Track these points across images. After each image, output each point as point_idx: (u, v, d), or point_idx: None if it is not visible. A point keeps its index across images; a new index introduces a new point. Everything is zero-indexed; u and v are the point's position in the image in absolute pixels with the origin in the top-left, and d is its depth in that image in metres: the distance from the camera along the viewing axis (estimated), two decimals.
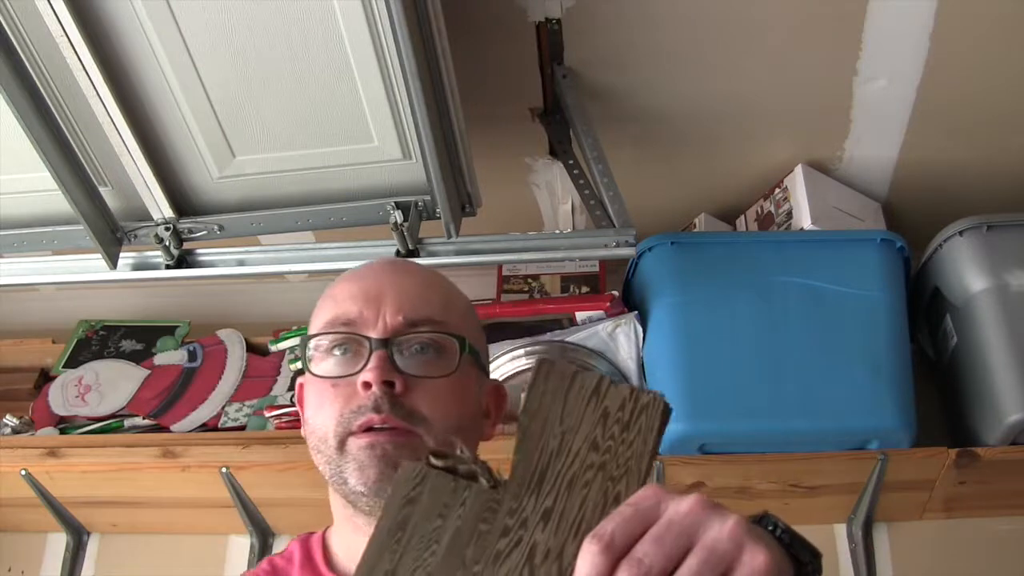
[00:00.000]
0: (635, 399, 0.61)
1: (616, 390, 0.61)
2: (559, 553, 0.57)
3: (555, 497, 0.59)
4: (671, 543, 0.53)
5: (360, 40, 1.38)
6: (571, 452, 0.60)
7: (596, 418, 0.61)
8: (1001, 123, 1.80)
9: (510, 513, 0.59)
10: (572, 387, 0.62)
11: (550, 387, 0.62)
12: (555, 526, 0.58)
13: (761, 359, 1.66)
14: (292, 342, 1.93)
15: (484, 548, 0.58)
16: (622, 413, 0.61)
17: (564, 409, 0.61)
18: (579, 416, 0.61)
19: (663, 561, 0.53)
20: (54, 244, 1.65)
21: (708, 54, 1.69)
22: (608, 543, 0.53)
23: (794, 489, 1.71)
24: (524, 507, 0.59)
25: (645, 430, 0.60)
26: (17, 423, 1.87)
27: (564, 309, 1.77)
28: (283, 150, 1.54)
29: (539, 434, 0.61)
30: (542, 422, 0.61)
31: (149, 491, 1.81)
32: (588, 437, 0.60)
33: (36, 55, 1.42)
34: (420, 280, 0.95)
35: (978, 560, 1.78)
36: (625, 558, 0.53)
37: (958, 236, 1.76)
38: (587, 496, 0.58)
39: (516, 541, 0.58)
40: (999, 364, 1.67)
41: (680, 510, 0.55)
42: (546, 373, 0.62)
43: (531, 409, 0.61)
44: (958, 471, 1.67)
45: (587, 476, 0.59)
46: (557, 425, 0.61)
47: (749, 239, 1.88)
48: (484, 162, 1.60)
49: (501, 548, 0.58)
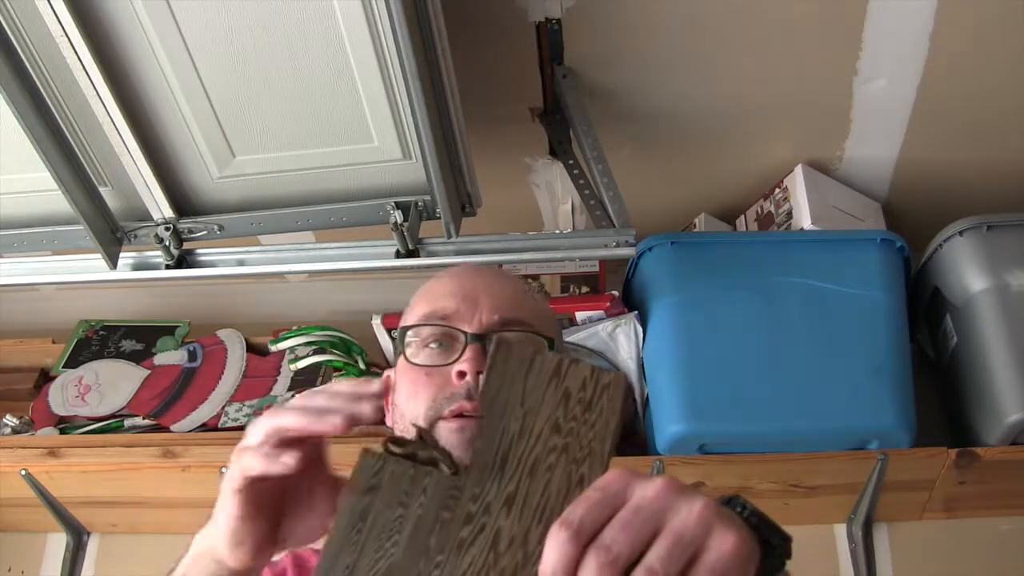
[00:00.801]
0: (596, 379, 0.59)
1: (576, 370, 0.60)
2: (524, 539, 0.56)
3: (518, 481, 0.57)
4: (639, 528, 0.53)
5: (360, 40, 1.39)
6: (533, 435, 0.58)
7: (557, 399, 0.59)
8: (1001, 123, 1.80)
9: (473, 499, 0.57)
10: (532, 368, 0.60)
11: (509, 368, 0.60)
12: (519, 511, 0.57)
13: (761, 359, 1.66)
14: (292, 342, 1.93)
15: (447, 536, 0.57)
16: (583, 393, 0.59)
17: (524, 390, 0.59)
18: (540, 397, 0.59)
19: (631, 547, 0.52)
20: (54, 244, 1.65)
21: (708, 54, 1.69)
22: (577, 529, 0.53)
23: (794, 489, 1.71)
24: (487, 493, 0.57)
25: (607, 410, 0.59)
26: (17, 423, 1.87)
27: (564, 309, 1.77)
28: (283, 150, 1.54)
29: (500, 417, 0.59)
30: (502, 405, 0.59)
31: (149, 491, 1.81)
32: (550, 419, 0.59)
33: (36, 55, 1.42)
34: (514, 285, 0.99)
35: (978, 560, 1.78)
36: (593, 544, 0.52)
37: (958, 236, 1.76)
38: (551, 480, 0.57)
39: (480, 528, 0.57)
40: (999, 364, 1.68)
41: (647, 494, 0.54)
42: (505, 354, 0.60)
43: (490, 391, 0.59)
44: (958, 471, 1.67)
45: (550, 459, 0.58)
46: (518, 407, 0.59)
47: (749, 239, 1.88)
48: (484, 162, 1.60)
49: (464, 536, 0.57)
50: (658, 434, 1.66)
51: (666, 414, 1.65)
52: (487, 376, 0.60)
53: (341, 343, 1.89)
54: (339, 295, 2.16)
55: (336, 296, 2.17)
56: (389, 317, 1.77)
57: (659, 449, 1.67)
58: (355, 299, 2.10)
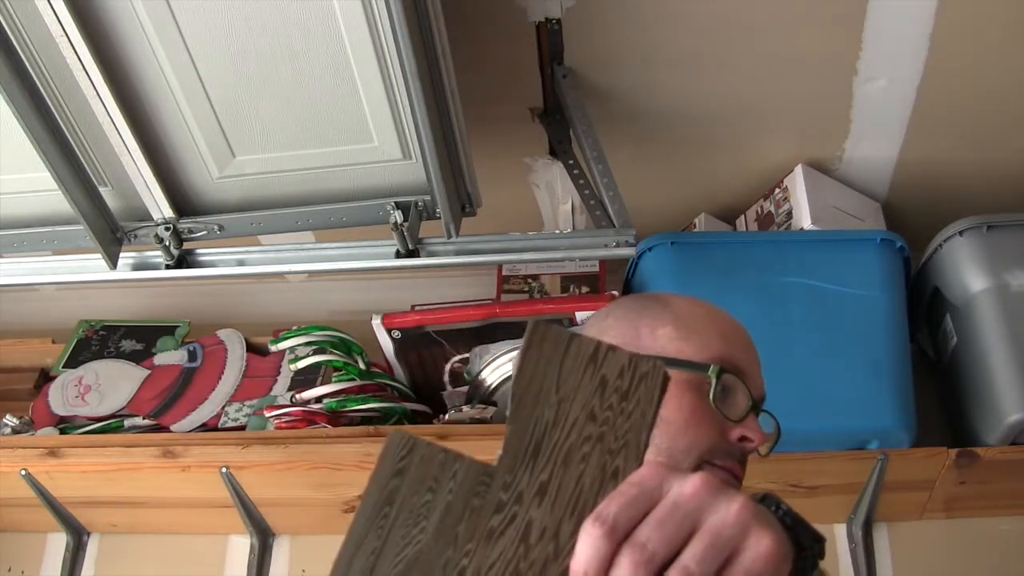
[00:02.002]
0: (634, 367, 0.56)
1: (614, 356, 0.57)
2: (556, 531, 0.54)
3: (551, 471, 0.55)
4: (675, 527, 0.51)
5: (360, 40, 1.38)
6: (567, 423, 0.56)
7: (594, 387, 0.56)
8: (1001, 123, 1.80)
9: (504, 488, 0.55)
10: (568, 353, 0.57)
11: (544, 352, 0.57)
12: (551, 503, 0.54)
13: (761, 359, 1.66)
14: (292, 342, 1.93)
15: (477, 525, 0.55)
16: (620, 381, 0.56)
17: (560, 376, 0.56)
18: (575, 384, 0.56)
19: (667, 546, 0.51)
20: (54, 244, 1.65)
21: (708, 54, 1.69)
22: (611, 526, 0.51)
23: (794, 489, 1.71)
24: (518, 481, 0.55)
25: (644, 401, 0.56)
26: (17, 423, 1.87)
27: (564, 309, 1.77)
28: (283, 150, 1.54)
29: (533, 403, 0.56)
30: (536, 390, 0.56)
31: (149, 491, 1.81)
32: (585, 407, 0.56)
33: (36, 55, 1.42)
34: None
35: (978, 560, 1.78)
36: (627, 542, 0.51)
37: (958, 236, 1.76)
38: (584, 471, 0.55)
39: (510, 518, 0.54)
40: (999, 364, 1.67)
41: (684, 492, 0.52)
42: (540, 337, 0.57)
43: (524, 376, 0.57)
44: (958, 471, 1.67)
45: (584, 449, 0.55)
46: (553, 394, 0.56)
47: (749, 239, 1.88)
48: (484, 162, 1.60)
49: (495, 525, 0.54)
50: None
51: None
52: (521, 360, 0.57)
53: (341, 343, 1.89)
54: (339, 295, 2.16)
55: (336, 296, 2.17)
56: (389, 317, 1.77)
57: None
58: (355, 299, 2.10)
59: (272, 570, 1.89)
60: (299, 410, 1.78)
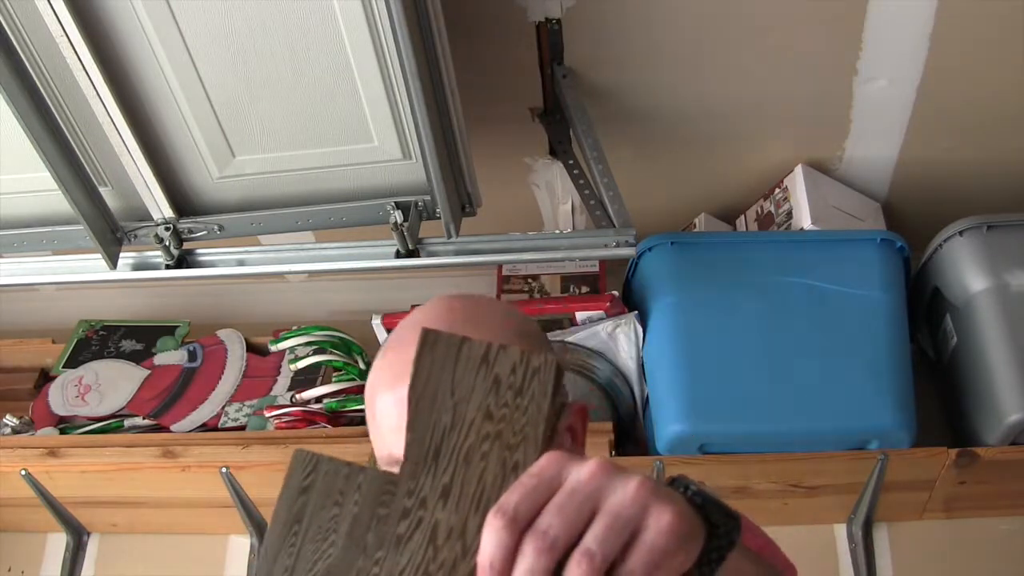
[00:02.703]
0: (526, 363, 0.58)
1: (506, 355, 0.58)
2: (462, 530, 0.55)
3: (452, 472, 0.56)
4: (574, 511, 0.52)
5: (360, 40, 1.38)
6: (465, 424, 0.57)
7: (488, 386, 0.58)
8: (1001, 123, 1.80)
9: (408, 494, 0.56)
10: (460, 356, 0.59)
11: (437, 358, 0.59)
12: (455, 502, 0.56)
13: (761, 359, 1.66)
14: (292, 342, 1.93)
15: (385, 532, 0.56)
16: (514, 378, 0.58)
17: (454, 380, 0.58)
18: (470, 386, 0.58)
19: (568, 530, 0.52)
20: (54, 244, 1.65)
21: (708, 54, 1.69)
22: (512, 517, 0.52)
23: (794, 489, 1.71)
24: (422, 486, 0.56)
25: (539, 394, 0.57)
26: (17, 423, 1.87)
27: (564, 309, 1.77)
28: (283, 150, 1.54)
29: (430, 409, 0.58)
30: (432, 396, 0.58)
31: (149, 491, 1.81)
32: (481, 407, 0.57)
33: (36, 55, 1.42)
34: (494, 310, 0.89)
35: (978, 560, 1.78)
36: (529, 530, 0.52)
37: (958, 236, 1.76)
38: (485, 468, 0.56)
39: (417, 522, 0.56)
40: (999, 364, 1.67)
41: (581, 477, 0.53)
42: (431, 344, 0.59)
43: (419, 383, 0.58)
44: (958, 471, 1.67)
45: (484, 447, 0.57)
46: (448, 398, 0.58)
47: (749, 239, 1.88)
48: (484, 162, 1.60)
49: (402, 531, 0.56)
50: (658, 434, 1.66)
51: (666, 414, 1.65)
52: (415, 368, 0.59)
53: (341, 343, 1.89)
54: (339, 295, 2.16)
55: (336, 296, 2.17)
56: (389, 317, 1.77)
57: (659, 449, 1.67)
58: (355, 299, 2.10)
59: None
60: (299, 410, 1.78)
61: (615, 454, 1.70)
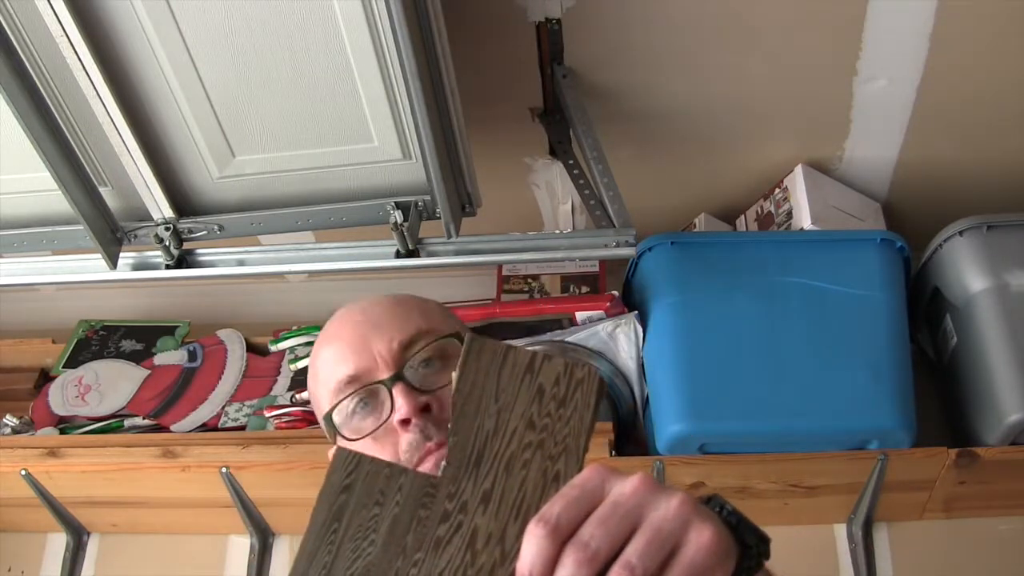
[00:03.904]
0: (570, 374, 0.59)
1: (550, 365, 0.60)
2: (501, 536, 0.56)
3: (494, 479, 0.57)
4: (616, 524, 0.53)
5: (360, 40, 1.38)
6: (508, 431, 0.58)
7: (531, 395, 0.59)
8: (1001, 123, 1.80)
9: (449, 497, 0.57)
10: (505, 364, 0.60)
11: (482, 365, 0.60)
12: (495, 509, 0.56)
13: (761, 359, 1.66)
14: (292, 342, 1.93)
15: (424, 534, 0.57)
16: (557, 389, 0.59)
17: (498, 387, 0.59)
18: (514, 394, 0.59)
19: (609, 543, 0.52)
20: (54, 244, 1.65)
21: (708, 54, 1.69)
22: (554, 527, 0.53)
23: (794, 489, 1.71)
24: (463, 490, 0.57)
25: (582, 406, 0.59)
26: (17, 423, 1.87)
27: (564, 309, 1.77)
28: (283, 150, 1.54)
29: (474, 414, 0.59)
30: (476, 402, 0.59)
31: (149, 491, 1.81)
32: (524, 415, 0.59)
33: (36, 55, 1.42)
34: (390, 305, 0.93)
35: (978, 560, 1.78)
36: (571, 541, 0.52)
37: (958, 236, 1.76)
38: (526, 477, 0.57)
39: (456, 526, 0.57)
40: (999, 364, 1.67)
41: (625, 491, 0.54)
42: (478, 351, 0.60)
43: (464, 389, 0.59)
44: (958, 471, 1.67)
45: (525, 456, 0.58)
46: (492, 404, 0.59)
47: (749, 239, 1.88)
48: (484, 162, 1.60)
49: (441, 534, 0.57)
50: (658, 434, 1.66)
51: (666, 414, 1.65)
52: (460, 373, 0.60)
53: None
54: (339, 295, 2.14)
55: (336, 296, 2.15)
56: None
57: (659, 449, 1.67)
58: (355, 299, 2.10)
59: (272, 570, 1.89)
60: (299, 410, 1.78)
61: (615, 454, 1.70)
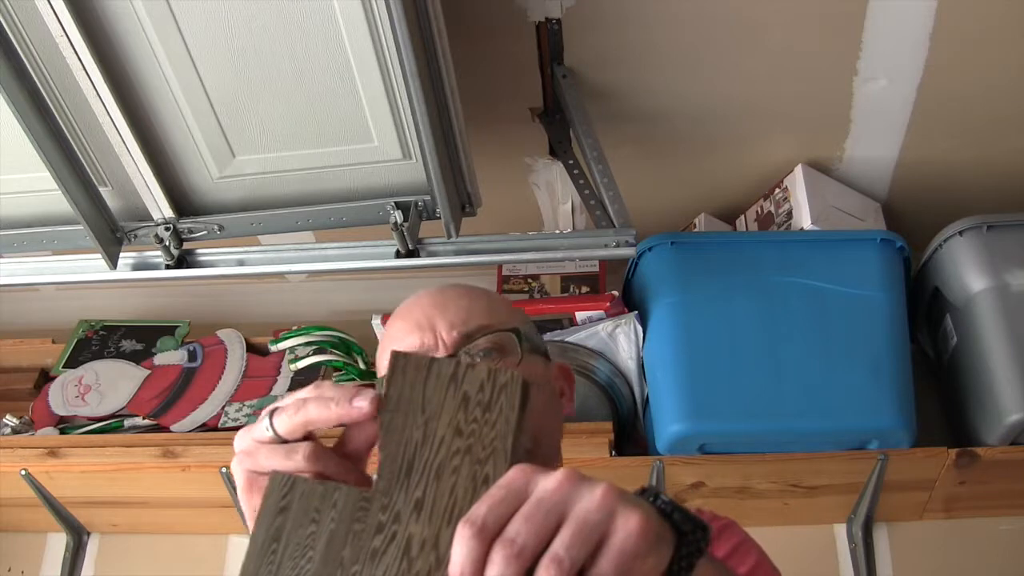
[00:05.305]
0: (493, 380, 0.61)
1: (473, 373, 0.61)
2: (435, 542, 0.57)
3: (424, 487, 0.59)
4: (542, 520, 0.54)
5: (360, 40, 1.38)
6: (436, 440, 0.60)
7: (457, 403, 0.60)
8: (1001, 123, 1.80)
9: (382, 509, 0.59)
10: (429, 376, 0.61)
11: (407, 379, 0.61)
12: (428, 515, 0.58)
13: (761, 359, 1.66)
14: (292, 342, 1.93)
15: (360, 547, 0.58)
16: (482, 395, 0.60)
17: (424, 398, 0.61)
18: (440, 403, 0.60)
19: (536, 538, 0.53)
20: (54, 244, 1.65)
21: (708, 54, 1.69)
22: (481, 527, 0.53)
23: (794, 489, 1.71)
24: (395, 501, 0.59)
25: (507, 409, 0.60)
26: (17, 423, 1.87)
27: (564, 309, 1.77)
28: (283, 150, 1.54)
29: (402, 427, 0.60)
30: (403, 414, 0.61)
31: (149, 491, 1.81)
32: (451, 423, 0.60)
33: (36, 55, 1.42)
34: (460, 295, 0.99)
35: (978, 560, 1.78)
36: (497, 539, 0.53)
37: (958, 236, 1.76)
38: (456, 482, 0.58)
39: (391, 536, 0.58)
40: (999, 364, 1.68)
41: (549, 487, 0.55)
42: (402, 366, 0.62)
43: (391, 403, 0.61)
44: (958, 471, 1.67)
45: (454, 462, 0.59)
46: (419, 415, 0.60)
47: (749, 239, 1.88)
48: (484, 162, 1.60)
49: (377, 545, 0.58)
50: (658, 434, 1.66)
51: (666, 414, 1.65)
52: (386, 388, 0.61)
53: (341, 343, 1.89)
54: (339, 295, 2.16)
55: (336, 296, 2.17)
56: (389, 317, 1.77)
57: (659, 449, 1.67)
58: (355, 299, 2.10)
59: None
60: None
61: (615, 454, 1.70)
